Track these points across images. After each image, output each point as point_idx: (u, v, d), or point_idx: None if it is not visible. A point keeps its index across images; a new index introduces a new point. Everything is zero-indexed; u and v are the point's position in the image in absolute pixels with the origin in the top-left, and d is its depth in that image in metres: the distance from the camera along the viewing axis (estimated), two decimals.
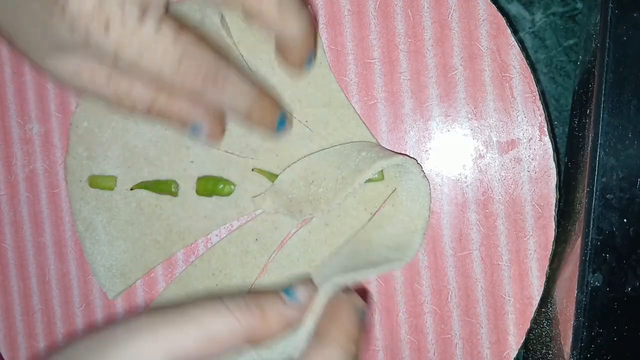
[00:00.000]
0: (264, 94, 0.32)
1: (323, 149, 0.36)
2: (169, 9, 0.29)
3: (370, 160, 0.34)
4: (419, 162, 0.36)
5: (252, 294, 0.29)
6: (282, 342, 0.34)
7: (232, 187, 0.37)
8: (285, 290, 0.29)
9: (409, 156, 0.36)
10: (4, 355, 0.39)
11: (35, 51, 0.30)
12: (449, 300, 0.36)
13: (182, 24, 0.29)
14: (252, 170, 0.37)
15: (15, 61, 0.39)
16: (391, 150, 0.36)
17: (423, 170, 0.35)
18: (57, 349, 0.27)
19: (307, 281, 0.31)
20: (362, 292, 0.37)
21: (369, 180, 0.36)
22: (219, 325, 0.27)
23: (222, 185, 0.36)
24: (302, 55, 0.32)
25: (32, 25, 0.29)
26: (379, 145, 0.36)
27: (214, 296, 0.28)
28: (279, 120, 0.33)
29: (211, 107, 0.31)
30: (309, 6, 0.32)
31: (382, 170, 0.36)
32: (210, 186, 0.36)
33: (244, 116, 0.31)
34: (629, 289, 0.31)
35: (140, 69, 0.28)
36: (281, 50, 0.32)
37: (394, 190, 0.36)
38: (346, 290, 0.31)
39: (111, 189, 0.38)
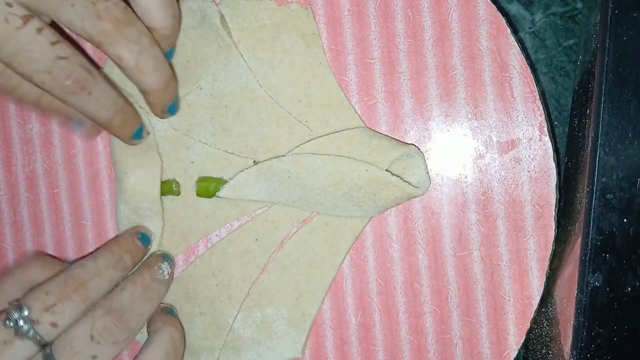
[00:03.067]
0: (127, 107, 0.34)
1: (333, 133, 0.36)
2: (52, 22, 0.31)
3: (382, 148, 0.35)
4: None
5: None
6: (282, 343, 0.35)
7: None
8: (140, 235, 0.36)
9: (415, 146, 0.36)
10: None
11: None
12: (449, 300, 0.36)
13: (60, 35, 0.31)
14: (254, 162, 0.37)
15: None
16: (396, 139, 0.36)
17: (426, 164, 0.35)
18: None
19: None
20: None
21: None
22: (10, 286, 0.33)
23: (222, 187, 0.36)
24: (160, 105, 0.34)
25: None
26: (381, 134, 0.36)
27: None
28: (137, 131, 0.35)
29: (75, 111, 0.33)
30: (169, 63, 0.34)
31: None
32: (211, 188, 0.36)
33: (104, 124, 0.33)
34: (629, 289, 0.31)
35: (15, 67, 0.30)
36: (143, 95, 0.34)
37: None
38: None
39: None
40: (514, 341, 0.36)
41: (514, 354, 0.36)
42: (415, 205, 0.36)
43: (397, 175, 0.35)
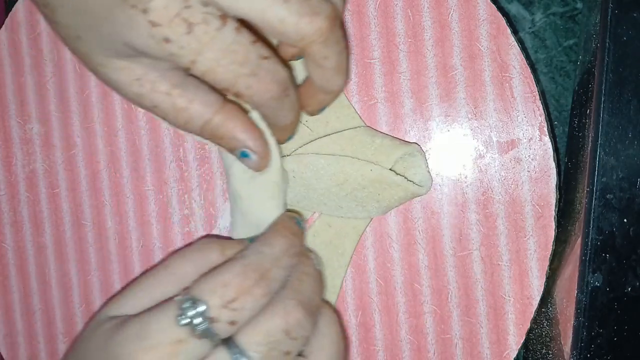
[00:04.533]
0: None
1: (335, 132, 0.36)
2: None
3: (385, 148, 0.35)
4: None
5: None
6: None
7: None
8: (249, 239, 0.33)
9: (418, 144, 0.36)
10: (4, 355, 0.39)
11: (95, 55, 0.29)
12: (449, 300, 0.36)
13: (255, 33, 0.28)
14: None
15: (15, 61, 0.39)
16: (399, 139, 0.36)
17: (427, 163, 0.36)
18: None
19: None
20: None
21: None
22: (185, 267, 0.31)
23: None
24: (326, 105, 0.33)
25: (98, 26, 0.28)
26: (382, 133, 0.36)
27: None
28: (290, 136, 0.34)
29: (271, 120, 0.31)
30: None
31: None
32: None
33: (286, 128, 0.32)
34: (629, 289, 0.31)
35: (216, 75, 0.28)
36: (312, 94, 0.32)
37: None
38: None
39: None
40: (514, 341, 0.36)
41: (514, 354, 0.36)
42: (415, 205, 0.36)
43: (400, 175, 0.35)
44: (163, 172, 0.38)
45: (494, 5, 0.35)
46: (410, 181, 0.35)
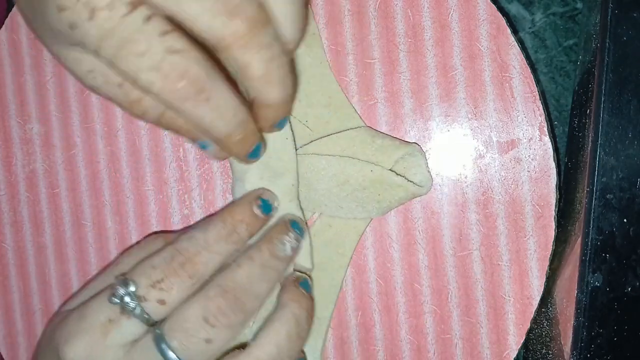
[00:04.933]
0: (249, 118, 0.28)
1: (336, 133, 0.36)
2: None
3: (385, 148, 0.35)
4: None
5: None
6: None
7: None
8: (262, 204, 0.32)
9: (418, 144, 0.36)
10: (4, 355, 0.39)
11: (50, 44, 0.29)
12: (449, 300, 0.36)
13: (173, 25, 0.26)
14: None
15: (15, 60, 0.39)
16: (398, 139, 0.36)
17: (427, 163, 0.36)
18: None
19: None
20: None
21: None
22: (130, 262, 0.32)
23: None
24: (273, 120, 0.29)
25: (36, 10, 0.27)
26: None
27: None
28: (255, 148, 0.30)
29: (186, 122, 0.29)
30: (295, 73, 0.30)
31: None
32: None
33: (219, 139, 0.28)
34: (629, 289, 0.31)
35: (118, 65, 0.25)
36: (254, 107, 0.29)
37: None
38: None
39: None
40: (514, 341, 0.36)
41: (514, 354, 0.36)
42: (415, 205, 0.36)
43: (401, 175, 0.35)
44: (163, 172, 0.38)
45: (494, 5, 0.35)
46: (411, 181, 0.35)
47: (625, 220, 0.31)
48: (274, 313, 0.31)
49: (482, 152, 0.36)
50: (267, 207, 0.32)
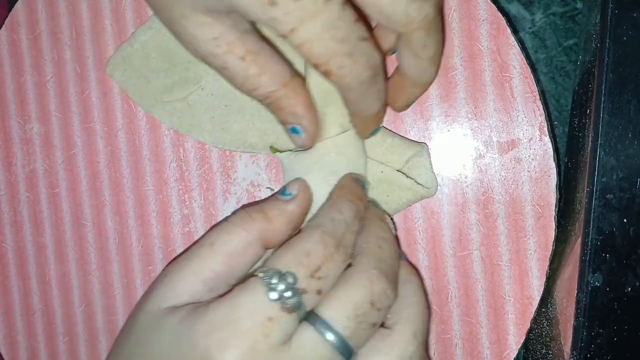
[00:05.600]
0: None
1: (346, 131, 0.36)
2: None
3: (396, 147, 0.35)
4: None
5: (253, 204, 0.31)
6: None
7: None
8: (281, 192, 0.32)
9: (426, 144, 0.36)
10: (4, 355, 0.39)
11: (180, 5, 0.28)
12: (449, 300, 0.36)
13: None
14: (270, 149, 0.36)
15: (15, 61, 0.39)
16: (408, 138, 0.36)
17: (432, 164, 0.35)
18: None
19: (299, 179, 0.33)
20: None
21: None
22: (231, 241, 0.29)
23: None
24: (367, 129, 0.32)
25: None
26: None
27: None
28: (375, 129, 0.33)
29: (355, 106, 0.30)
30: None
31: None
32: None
33: (368, 117, 0.31)
34: (629, 289, 0.31)
35: (313, 49, 0.27)
36: (351, 114, 0.32)
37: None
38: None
39: None
40: (514, 341, 0.36)
41: (514, 354, 0.36)
42: (415, 205, 0.36)
43: (411, 178, 0.35)
44: (163, 172, 0.38)
45: (494, 5, 0.35)
46: (420, 184, 0.35)
47: (625, 220, 0.31)
48: (402, 290, 0.30)
49: (482, 152, 0.36)
50: (365, 185, 0.33)
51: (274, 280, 0.27)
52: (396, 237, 0.31)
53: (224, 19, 0.28)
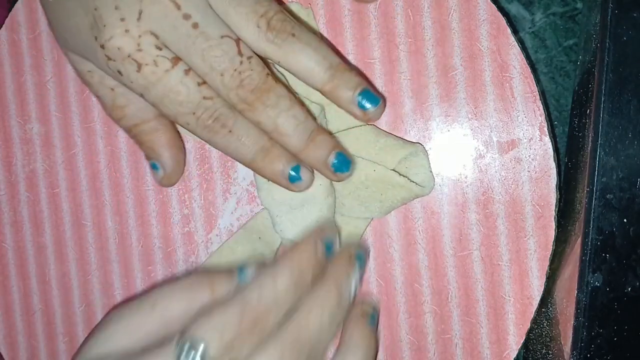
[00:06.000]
0: (274, 143, 0.32)
1: (341, 131, 0.36)
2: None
3: (389, 147, 0.35)
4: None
5: (209, 270, 0.31)
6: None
7: None
8: (239, 268, 0.30)
9: (422, 145, 0.36)
10: (4, 355, 0.39)
11: (65, 43, 0.33)
12: (449, 300, 0.36)
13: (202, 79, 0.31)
14: None
15: (15, 61, 0.39)
16: (402, 138, 0.36)
17: (430, 164, 0.35)
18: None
19: (261, 264, 0.31)
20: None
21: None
22: (173, 309, 0.29)
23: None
24: (316, 163, 0.33)
25: (73, 29, 0.32)
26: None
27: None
28: (289, 171, 0.32)
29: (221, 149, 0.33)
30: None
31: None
32: None
33: (250, 163, 0.32)
34: (629, 289, 0.31)
35: (160, 109, 0.31)
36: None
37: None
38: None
39: None
40: (514, 341, 0.36)
41: (514, 354, 0.36)
42: (415, 205, 0.36)
43: (403, 176, 0.35)
44: None
45: (494, 5, 0.35)
46: (413, 182, 0.35)
47: (625, 220, 0.31)
48: (343, 352, 0.29)
49: (482, 152, 0.36)
50: (329, 249, 0.31)
51: (186, 347, 0.26)
52: (344, 299, 0.29)
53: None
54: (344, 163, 0.32)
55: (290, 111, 0.31)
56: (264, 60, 0.32)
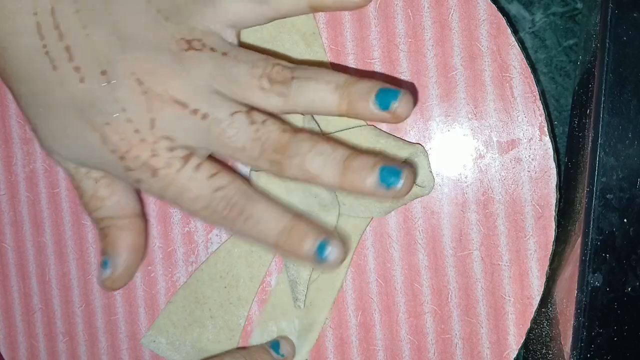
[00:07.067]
0: (297, 222, 0.30)
1: (342, 130, 0.36)
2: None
3: (389, 148, 0.35)
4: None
5: (244, 350, 0.35)
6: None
7: None
8: (272, 345, 0.36)
9: (421, 145, 0.36)
10: (4, 355, 0.39)
11: (61, 151, 0.32)
12: (449, 300, 0.36)
13: (218, 164, 0.31)
14: None
15: None
16: (402, 139, 0.36)
17: (430, 164, 0.35)
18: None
19: (287, 338, 0.37)
20: None
21: None
22: None
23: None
24: (353, 188, 0.30)
25: (79, 143, 0.31)
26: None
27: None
28: (318, 246, 0.29)
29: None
30: None
31: None
32: None
33: (276, 248, 0.30)
34: (629, 289, 0.31)
35: (180, 207, 0.31)
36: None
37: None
38: None
39: None
40: (514, 341, 0.36)
41: (514, 354, 0.36)
42: (415, 205, 0.36)
43: None
44: None
45: (494, 5, 0.35)
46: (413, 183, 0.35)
47: (625, 220, 0.31)
48: None
49: (482, 152, 0.36)
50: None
51: None
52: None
53: None
54: (390, 175, 0.29)
55: (313, 150, 0.30)
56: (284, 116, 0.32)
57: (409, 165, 0.34)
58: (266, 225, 0.30)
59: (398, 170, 0.29)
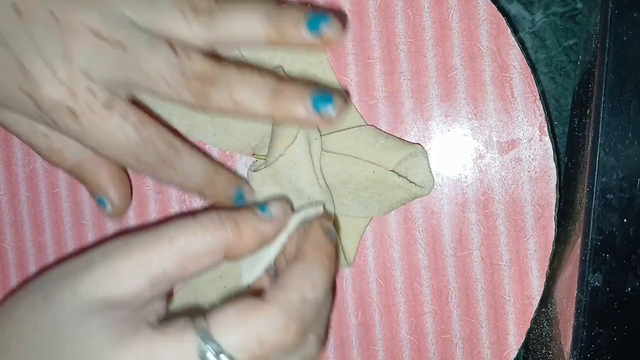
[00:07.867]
0: (218, 172, 0.32)
1: (341, 130, 0.36)
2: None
3: (389, 148, 0.35)
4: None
5: (225, 210, 0.29)
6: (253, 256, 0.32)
7: None
8: (259, 205, 0.30)
9: (421, 145, 0.36)
10: None
11: None
12: (449, 300, 0.36)
13: (143, 112, 0.30)
14: (252, 155, 0.36)
15: None
16: (402, 139, 0.36)
17: (429, 164, 0.35)
18: (32, 277, 0.29)
19: (283, 199, 0.32)
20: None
21: None
22: (194, 243, 0.27)
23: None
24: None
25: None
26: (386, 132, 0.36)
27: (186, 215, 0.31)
28: (235, 194, 0.33)
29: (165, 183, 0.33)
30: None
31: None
32: None
33: (197, 193, 0.32)
34: (629, 289, 0.31)
35: (98, 152, 0.30)
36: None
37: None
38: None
39: None
40: (514, 341, 0.36)
41: (514, 354, 0.36)
42: (415, 205, 0.36)
43: (403, 177, 0.35)
44: None
45: (494, 5, 0.35)
46: (412, 182, 0.35)
47: (625, 220, 0.31)
48: (304, 259, 0.29)
49: (482, 152, 0.36)
50: (332, 233, 0.33)
51: (208, 353, 0.25)
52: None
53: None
54: (322, 100, 0.28)
55: (242, 79, 0.28)
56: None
57: (342, 93, 0.34)
58: (191, 174, 0.31)
59: (329, 96, 0.28)
